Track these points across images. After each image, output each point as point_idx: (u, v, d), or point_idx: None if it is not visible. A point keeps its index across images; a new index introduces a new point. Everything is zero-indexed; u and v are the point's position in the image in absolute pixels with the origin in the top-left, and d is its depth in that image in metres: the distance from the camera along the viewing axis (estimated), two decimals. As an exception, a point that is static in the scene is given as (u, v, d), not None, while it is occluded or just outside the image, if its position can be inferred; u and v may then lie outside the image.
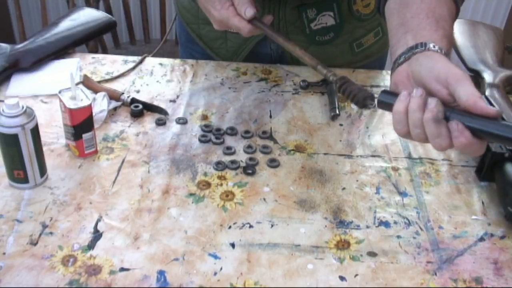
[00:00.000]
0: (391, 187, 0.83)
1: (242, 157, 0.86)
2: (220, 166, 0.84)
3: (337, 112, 0.95)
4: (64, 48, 1.07)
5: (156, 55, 1.14)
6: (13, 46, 1.04)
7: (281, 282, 0.67)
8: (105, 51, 1.98)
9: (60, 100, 0.81)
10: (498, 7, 2.36)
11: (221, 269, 0.68)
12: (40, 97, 0.97)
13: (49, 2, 2.31)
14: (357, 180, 0.84)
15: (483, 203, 0.81)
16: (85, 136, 0.82)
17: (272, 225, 0.75)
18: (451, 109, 0.63)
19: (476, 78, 1.05)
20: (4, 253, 0.68)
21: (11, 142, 0.74)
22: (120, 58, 1.10)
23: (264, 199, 0.79)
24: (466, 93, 0.61)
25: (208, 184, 0.81)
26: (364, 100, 0.72)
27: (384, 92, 0.69)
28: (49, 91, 0.97)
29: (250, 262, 0.70)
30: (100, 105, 0.92)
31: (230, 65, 1.09)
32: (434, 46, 0.67)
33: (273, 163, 0.85)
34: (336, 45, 1.06)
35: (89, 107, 0.81)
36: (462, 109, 0.62)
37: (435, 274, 0.70)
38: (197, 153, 0.87)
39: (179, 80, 1.04)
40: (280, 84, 1.04)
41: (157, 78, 1.05)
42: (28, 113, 0.74)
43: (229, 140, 0.90)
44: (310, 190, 0.81)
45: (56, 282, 0.65)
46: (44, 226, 0.72)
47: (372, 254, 0.72)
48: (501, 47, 1.12)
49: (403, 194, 0.82)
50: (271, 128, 0.93)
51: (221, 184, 0.81)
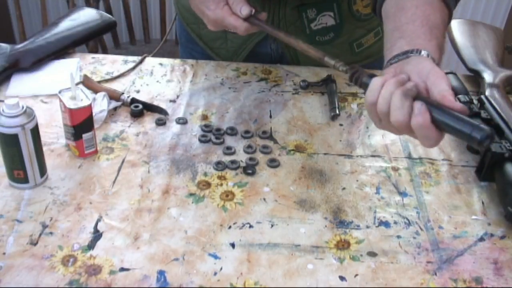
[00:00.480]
0: (391, 187, 0.83)
1: (242, 157, 0.86)
2: (220, 166, 0.84)
3: (337, 112, 0.95)
4: (64, 48, 1.07)
5: (156, 55, 1.14)
6: (13, 46, 1.04)
7: (281, 282, 0.67)
8: (105, 51, 1.98)
9: (60, 100, 0.81)
10: (498, 7, 2.36)
11: (221, 269, 0.68)
12: (40, 97, 0.97)
13: (49, 2, 2.31)
14: (357, 180, 0.84)
15: (483, 203, 0.81)
16: (85, 136, 0.82)
17: (272, 225, 0.75)
18: (425, 97, 0.65)
19: (476, 78, 1.05)
20: (4, 253, 0.68)
21: (11, 142, 0.74)
22: (120, 58, 1.10)
23: (264, 199, 0.79)
24: (440, 88, 0.64)
25: (208, 184, 0.81)
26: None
27: (371, 76, 0.71)
28: (49, 91, 0.97)
29: (250, 262, 0.70)
30: (100, 105, 0.92)
31: (230, 65, 1.09)
32: (428, 55, 0.69)
33: (273, 163, 0.85)
34: (336, 45, 1.06)
35: (89, 107, 0.81)
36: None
37: (435, 274, 0.70)
38: (197, 153, 0.87)
39: (179, 80, 1.04)
40: (280, 84, 1.04)
41: (157, 78, 1.05)
42: (28, 113, 0.74)
43: (229, 140, 0.90)
44: (310, 190, 0.81)
45: (56, 282, 0.65)
46: (44, 226, 0.72)
47: (372, 254, 0.72)
48: (501, 47, 1.12)
49: (403, 194, 0.82)
50: (271, 128, 0.93)
51: (221, 184, 0.81)
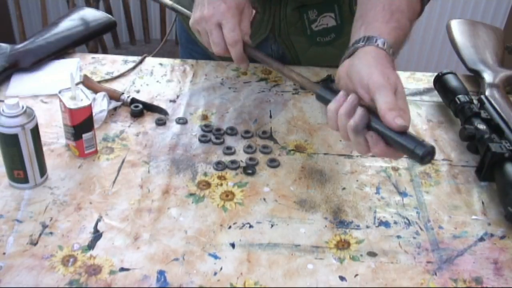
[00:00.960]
0: (391, 187, 0.83)
1: (242, 157, 0.86)
2: (220, 166, 0.84)
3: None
4: (64, 48, 1.07)
5: (156, 55, 1.13)
6: (13, 46, 1.04)
7: (281, 282, 0.67)
8: (105, 51, 1.98)
9: (60, 100, 0.81)
10: (498, 7, 2.36)
11: (221, 269, 0.68)
12: (40, 97, 0.97)
13: (49, 2, 2.31)
14: (357, 180, 0.84)
15: (483, 203, 0.81)
16: (85, 136, 0.82)
17: (272, 225, 0.75)
18: (375, 115, 0.67)
19: (476, 78, 1.05)
20: (4, 253, 0.68)
21: (11, 142, 0.74)
22: (120, 58, 1.10)
23: (264, 199, 0.79)
24: (380, 104, 0.65)
25: (208, 184, 0.81)
26: None
27: (324, 87, 0.73)
28: (49, 91, 0.97)
29: (250, 262, 0.70)
30: (100, 105, 0.92)
31: (230, 65, 1.09)
32: (376, 41, 0.69)
33: (273, 163, 0.85)
34: (337, 46, 1.06)
35: (89, 107, 0.81)
36: None
37: (435, 274, 0.70)
38: (197, 153, 0.87)
39: (179, 80, 1.04)
40: (280, 84, 1.04)
41: (157, 78, 1.05)
42: (28, 113, 0.74)
43: (229, 140, 0.90)
44: (310, 190, 0.81)
45: (56, 282, 0.65)
46: (44, 226, 0.72)
47: (372, 254, 0.72)
48: (501, 47, 1.12)
49: (403, 194, 0.82)
50: (271, 128, 0.93)
51: (221, 184, 0.81)
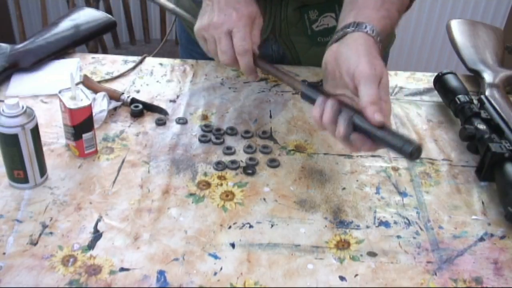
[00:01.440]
0: (391, 187, 0.83)
1: (242, 157, 0.86)
2: (220, 166, 0.84)
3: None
4: (64, 48, 1.07)
5: (156, 55, 1.14)
6: (13, 46, 1.04)
7: (281, 282, 0.67)
8: (105, 51, 1.98)
9: (60, 100, 0.81)
10: (498, 7, 2.36)
11: (221, 269, 0.68)
12: (40, 97, 0.97)
13: (49, 2, 2.31)
14: (357, 180, 0.84)
15: (483, 203, 0.81)
16: (85, 136, 0.82)
17: (272, 225, 0.75)
18: (358, 113, 0.67)
19: (476, 78, 1.05)
20: (4, 253, 0.68)
21: (11, 142, 0.74)
22: (120, 58, 1.10)
23: (264, 199, 0.79)
24: (362, 96, 0.65)
25: (208, 184, 0.81)
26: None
27: (308, 85, 0.74)
28: (49, 91, 0.97)
29: (250, 262, 0.70)
30: (100, 105, 0.92)
31: (230, 65, 1.09)
32: (365, 27, 0.69)
33: (273, 163, 0.85)
34: (337, 46, 1.06)
35: (89, 107, 0.81)
36: None
37: (435, 274, 0.70)
38: (197, 153, 0.87)
39: (179, 80, 1.04)
40: (280, 84, 1.04)
41: (157, 78, 1.05)
42: (28, 113, 0.74)
43: (229, 140, 0.90)
44: (310, 190, 0.81)
45: (56, 282, 0.65)
46: (44, 226, 0.72)
47: (372, 254, 0.72)
48: (501, 47, 1.12)
49: (403, 194, 0.82)
50: (271, 128, 0.93)
51: (221, 184, 0.81)
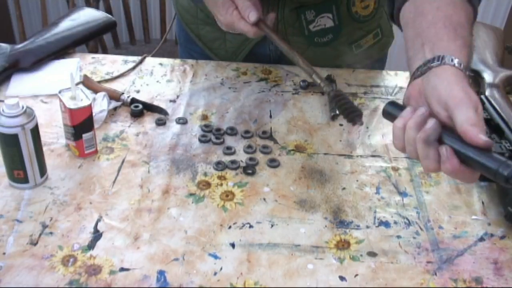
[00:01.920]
0: (391, 187, 0.83)
1: (242, 157, 0.86)
2: (220, 166, 0.84)
3: (337, 112, 0.95)
4: (64, 48, 1.07)
5: (156, 55, 1.14)
6: (13, 46, 1.04)
7: (281, 282, 0.67)
8: (105, 51, 1.97)
9: (60, 100, 0.81)
10: (498, 7, 2.36)
11: (221, 269, 0.68)
12: (40, 97, 0.97)
13: (49, 2, 2.31)
14: (357, 180, 0.84)
15: (483, 203, 0.81)
16: (85, 136, 0.82)
17: (272, 225, 0.75)
18: (449, 132, 0.62)
19: (476, 78, 1.05)
20: (4, 253, 0.68)
21: (11, 142, 0.74)
22: (120, 58, 1.10)
23: (264, 199, 0.79)
24: (461, 120, 0.60)
25: (208, 184, 0.81)
26: (353, 118, 0.72)
27: (391, 103, 0.69)
28: (49, 91, 0.97)
29: (250, 262, 0.70)
30: (100, 105, 0.92)
31: (230, 65, 1.09)
32: (452, 60, 0.65)
33: (273, 163, 0.85)
34: (335, 46, 1.06)
35: (89, 107, 0.81)
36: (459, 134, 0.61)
37: (435, 274, 0.70)
38: (197, 153, 0.87)
39: (179, 80, 1.04)
40: (280, 84, 1.04)
41: (157, 78, 1.05)
42: (28, 113, 0.74)
43: (229, 140, 0.90)
44: (310, 190, 0.81)
45: (56, 282, 0.65)
46: (44, 226, 0.72)
47: (372, 254, 0.72)
48: (501, 47, 1.12)
49: (403, 194, 0.82)
50: (271, 128, 0.93)
51: (221, 184, 0.81)
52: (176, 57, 1.14)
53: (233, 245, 0.72)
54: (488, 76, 1.01)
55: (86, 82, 0.99)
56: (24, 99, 0.94)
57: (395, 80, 1.08)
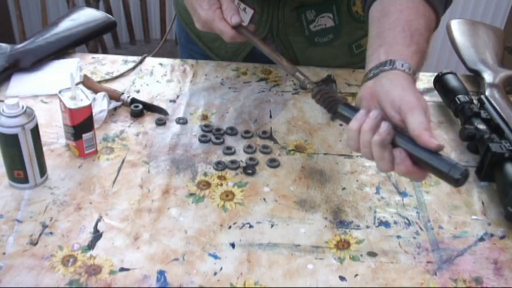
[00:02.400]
0: (391, 187, 0.83)
1: (242, 157, 0.86)
2: (220, 166, 0.84)
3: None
4: (64, 48, 1.07)
5: (156, 55, 1.14)
6: (13, 46, 1.04)
7: (281, 282, 0.67)
8: (105, 51, 1.97)
9: (60, 100, 0.81)
10: (498, 7, 2.36)
11: (221, 269, 0.68)
12: (40, 97, 0.97)
13: (49, 2, 2.31)
14: (357, 180, 0.84)
15: (483, 203, 0.81)
16: (85, 136, 0.82)
17: (272, 225, 0.75)
18: (401, 134, 0.64)
19: (476, 78, 1.05)
20: (4, 253, 0.68)
21: (11, 142, 0.74)
22: (120, 58, 1.10)
23: (264, 199, 0.79)
24: (414, 124, 0.63)
25: (208, 184, 0.81)
26: (332, 108, 0.71)
27: (344, 105, 0.70)
28: (49, 91, 0.97)
29: (250, 262, 0.70)
30: (100, 105, 0.92)
31: (230, 65, 1.09)
32: (402, 65, 0.68)
33: (273, 163, 0.85)
34: (335, 46, 1.06)
35: (89, 107, 0.81)
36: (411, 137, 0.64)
37: (435, 274, 0.70)
38: (197, 153, 0.87)
39: (179, 80, 1.04)
40: (280, 84, 1.04)
41: (157, 78, 1.05)
42: (28, 113, 0.74)
43: (229, 140, 0.90)
44: (310, 190, 0.81)
45: (56, 282, 0.65)
46: (44, 226, 0.72)
47: (372, 254, 0.72)
48: (501, 47, 1.12)
49: (403, 194, 0.82)
50: (271, 128, 0.93)
51: (221, 184, 0.81)
52: (176, 57, 1.14)
53: (233, 245, 0.72)
54: (488, 76, 1.01)
55: (86, 82, 0.99)
56: (24, 99, 0.94)
57: (395, 80, 1.08)
